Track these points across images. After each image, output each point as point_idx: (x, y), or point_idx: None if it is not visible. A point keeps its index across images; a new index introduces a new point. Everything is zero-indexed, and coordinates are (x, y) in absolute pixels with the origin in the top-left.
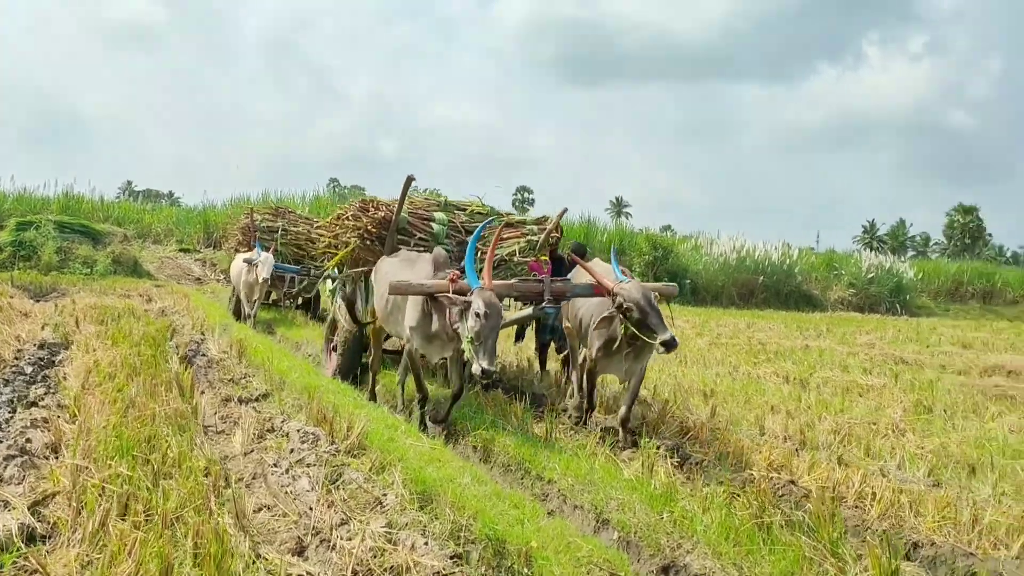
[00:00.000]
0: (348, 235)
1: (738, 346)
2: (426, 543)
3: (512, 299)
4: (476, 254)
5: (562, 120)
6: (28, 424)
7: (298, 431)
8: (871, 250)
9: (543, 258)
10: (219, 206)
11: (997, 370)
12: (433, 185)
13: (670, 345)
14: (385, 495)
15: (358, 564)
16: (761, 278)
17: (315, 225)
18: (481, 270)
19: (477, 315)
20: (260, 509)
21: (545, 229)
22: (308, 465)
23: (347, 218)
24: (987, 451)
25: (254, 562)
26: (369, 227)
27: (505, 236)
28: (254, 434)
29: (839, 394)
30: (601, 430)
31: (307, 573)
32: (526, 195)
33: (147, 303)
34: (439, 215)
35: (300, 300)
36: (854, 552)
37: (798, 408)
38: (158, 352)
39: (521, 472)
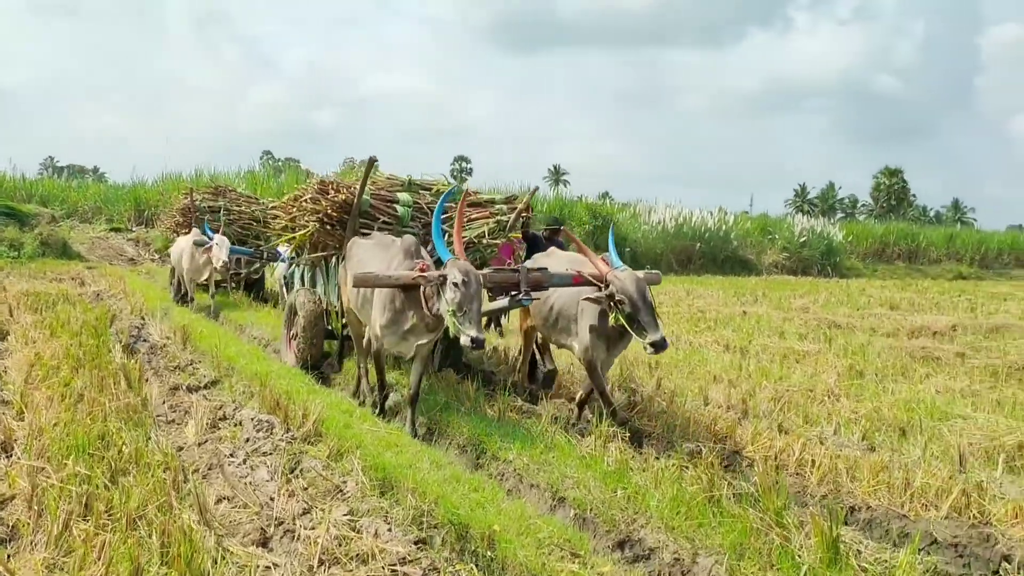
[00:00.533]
0: (306, 218)
1: (679, 315)
2: (389, 529)
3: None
4: (443, 227)
5: (501, 88)
6: None
7: (252, 419)
8: (802, 213)
9: (515, 237)
10: (150, 183)
11: (923, 331)
12: (371, 156)
13: (659, 347)
14: (345, 482)
15: (323, 553)
16: (698, 244)
17: (269, 206)
18: (451, 244)
19: (455, 284)
20: (220, 501)
21: (515, 208)
22: (265, 454)
23: (305, 200)
24: (916, 413)
25: (223, 557)
26: (329, 211)
27: (474, 217)
28: (207, 424)
29: (777, 361)
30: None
31: (274, 565)
32: (464, 165)
33: (80, 287)
34: (403, 196)
35: (244, 282)
36: (797, 520)
37: (739, 377)
38: (100, 342)
39: (476, 453)
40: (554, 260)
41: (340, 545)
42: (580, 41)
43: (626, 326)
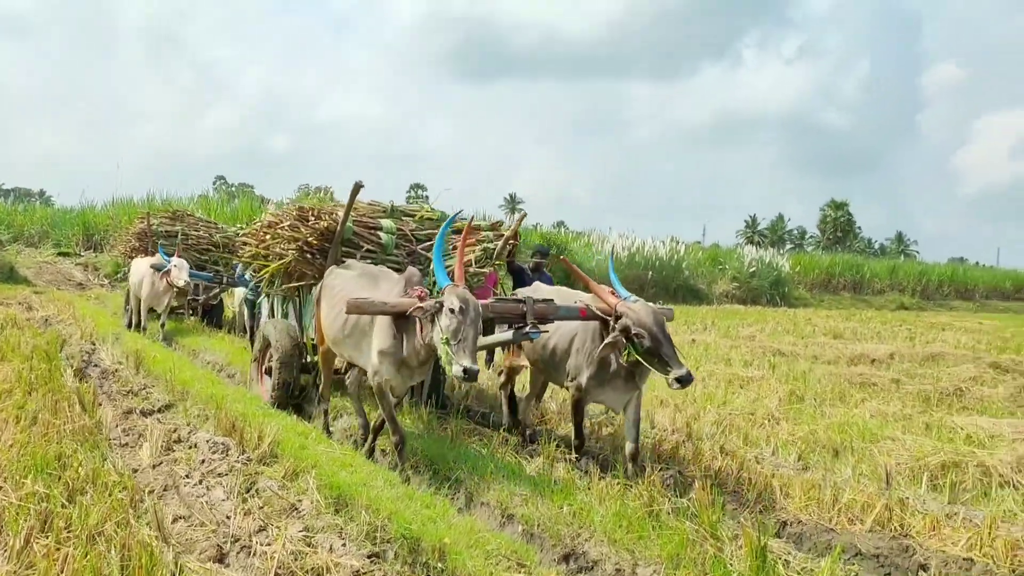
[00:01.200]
0: (283, 246)
1: None
2: (344, 544)
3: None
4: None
5: (456, 116)
6: None
7: (207, 441)
8: (752, 244)
9: (497, 265)
10: (100, 207)
11: (862, 359)
12: (326, 182)
13: (686, 381)
14: (300, 501)
15: (279, 567)
16: (650, 273)
17: (240, 233)
18: (451, 271)
19: (451, 311)
20: (176, 520)
21: (502, 236)
22: (221, 475)
23: (283, 228)
24: (849, 435)
25: (181, 572)
26: (310, 239)
27: (457, 243)
28: (161, 446)
29: (722, 386)
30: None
31: None
32: (420, 192)
33: (28, 311)
34: (386, 223)
35: (201, 309)
36: (731, 533)
37: (685, 401)
38: (52, 366)
39: (430, 473)
40: (546, 293)
41: (296, 560)
42: (534, 72)
43: (643, 362)
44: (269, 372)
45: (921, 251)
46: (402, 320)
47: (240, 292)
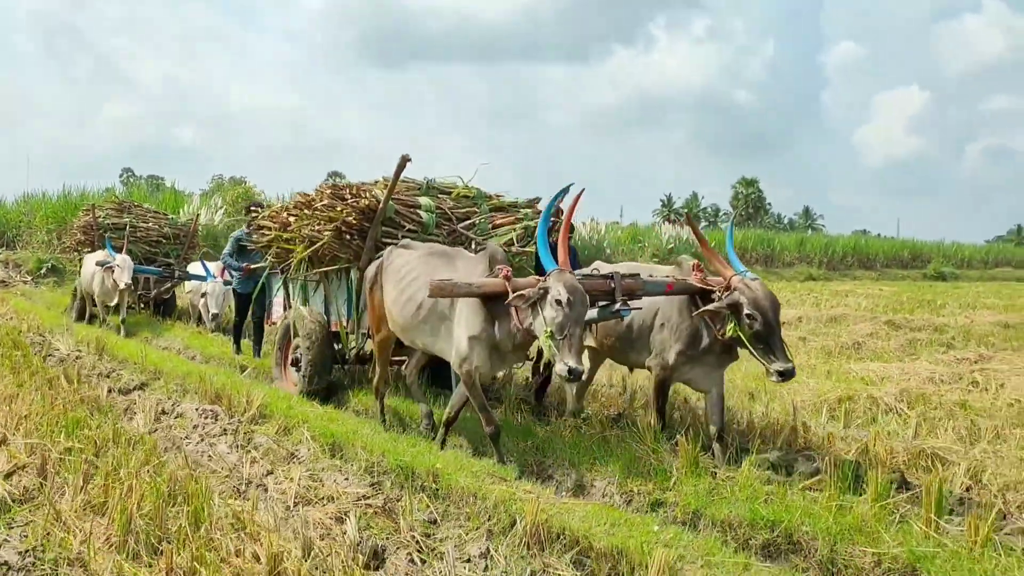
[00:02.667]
0: (316, 228)
1: None
2: (346, 479)
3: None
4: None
5: (370, 103)
6: None
7: (196, 410)
8: (669, 223)
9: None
10: (10, 203)
11: None
12: (240, 173)
13: (789, 376)
14: (298, 450)
15: (295, 497)
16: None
17: (262, 215)
18: (555, 251)
19: (558, 303)
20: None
21: (539, 212)
22: (217, 435)
23: (318, 208)
24: (761, 382)
25: (215, 502)
26: (348, 218)
27: (498, 222)
28: (153, 417)
29: None
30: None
31: (257, 507)
32: (338, 179)
33: None
34: (424, 200)
35: (153, 302)
36: (671, 448)
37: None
38: (24, 352)
39: (412, 425)
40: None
41: (308, 491)
42: (448, 56)
43: (748, 346)
44: (295, 364)
45: (827, 224)
46: (493, 302)
47: (194, 284)
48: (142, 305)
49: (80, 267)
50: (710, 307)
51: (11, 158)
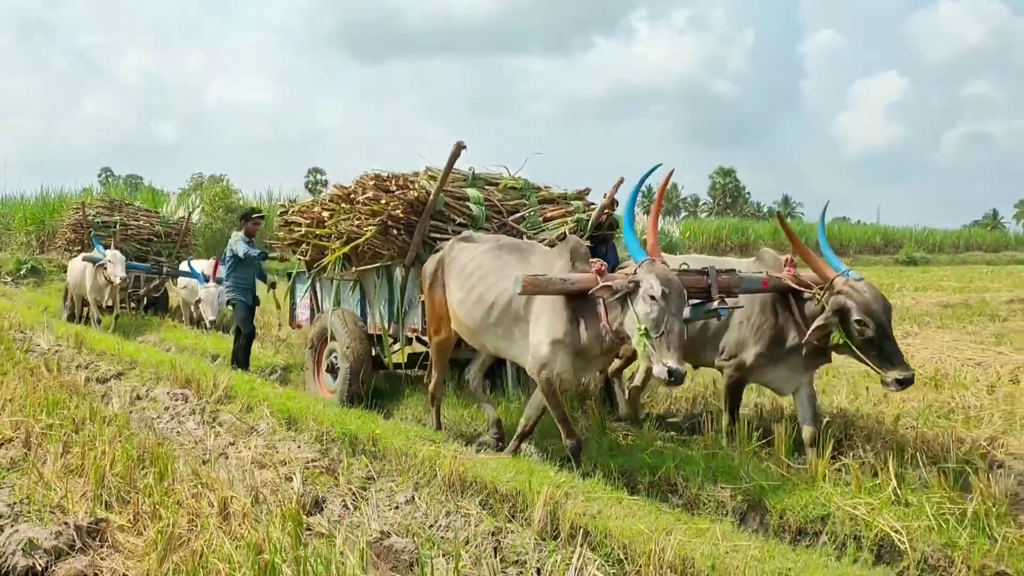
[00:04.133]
0: (358, 222)
1: None
2: (299, 447)
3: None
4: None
5: (351, 97)
6: None
7: (167, 393)
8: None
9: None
10: None
11: None
12: (220, 170)
13: (907, 384)
14: (258, 424)
15: (252, 462)
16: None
17: (290, 211)
18: (644, 240)
19: (651, 296)
20: (162, 443)
21: (591, 206)
22: (186, 415)
23: (360, 201)
24: None
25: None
26: (395, 211)
27: (549, 215)
28: (128, 401)
29: None
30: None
31: (220, 470)
32: (319, 176)
33: None
34: (472, 192)
35: (146, 301)
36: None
37: None
38: (6, 345)
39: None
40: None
41: (264, 457)
42: (428, 50)
43: (857, 354)
44: (331, 369)
45: (807, 212)
46: (578, 301)
47: (184, 282)
48: (132, 305)
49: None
50: (819, 322)
51: None
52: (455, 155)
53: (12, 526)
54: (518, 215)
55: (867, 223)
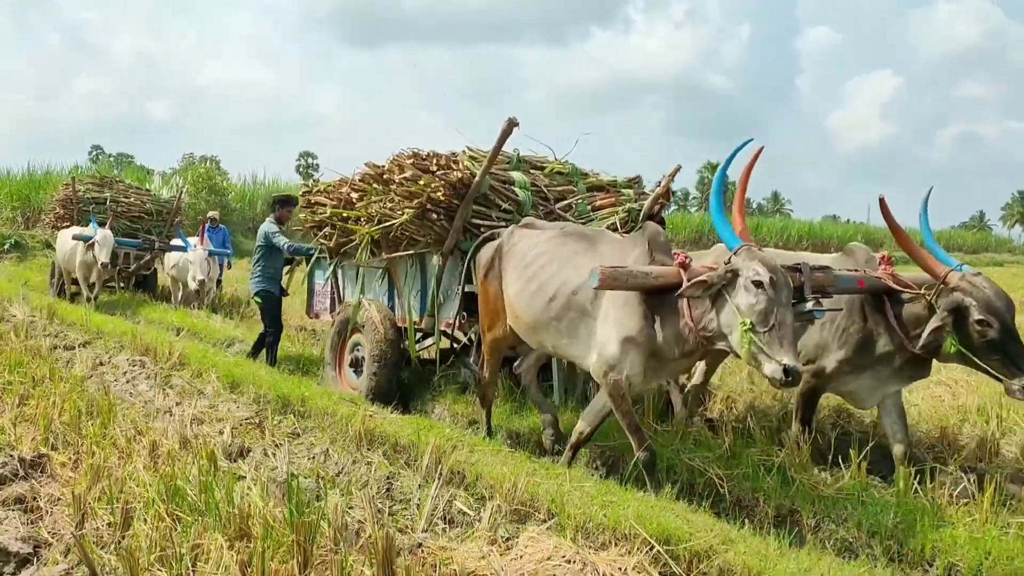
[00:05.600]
0: (395, 204)
1: None
2: (238, 407)
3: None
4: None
5: (345, 82)
6: None
7: (127, 360)
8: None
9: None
10: None
11: None
12: (212, 151)
13: None
14: (205, 388)
15: (192, 420)
16: None
17: (315, 190)
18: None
19: (757, 284)
20: (115, 401)
21: (643, 194)
22: (142, 379)
23: (396, 181)
24: None
25: (125, 420)
26: (436, 193)
27: (599, 203)
28: (90, 366)
29: None
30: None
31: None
32: (310, 160)
33: None
34: (517, 176)
35: (133, 279)
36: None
37: None
38: None
39: (300, 373)
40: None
41: (204, 415)
42: (425, 37)
43: (974, 360)
44: (355, 365)
45: (796, 209)
46: (654, 295)
47: (173, 257)
48: (122, 284)
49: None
50: (935, 323)
51: None
52: (506, 133)
53: None
54: (565, 203)
55: (857, 222)
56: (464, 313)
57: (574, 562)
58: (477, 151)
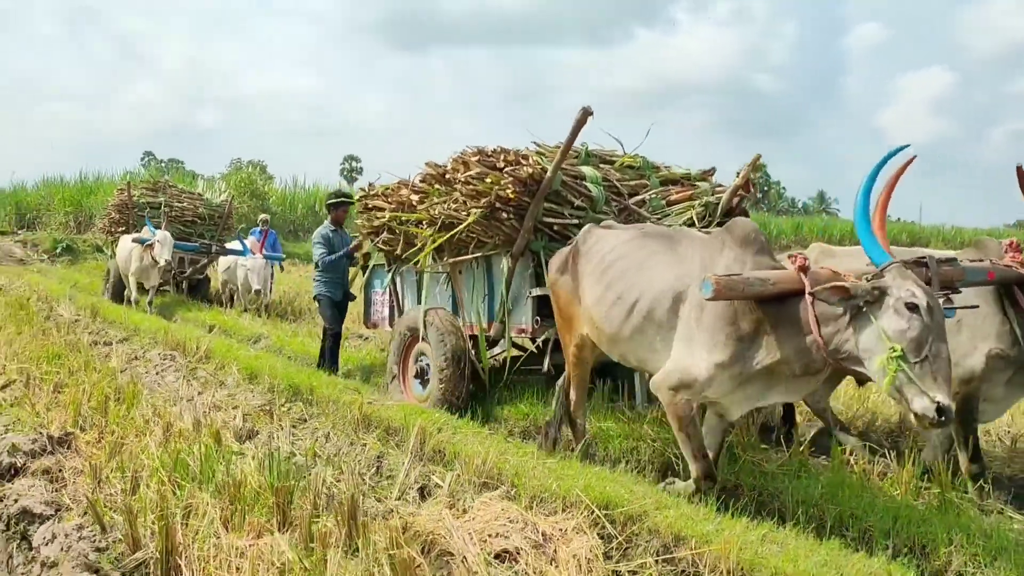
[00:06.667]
0: (459, 205)
1: None
2: (253, 395)
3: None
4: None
5: (389, 86)
6: None
7: (159, 354)
8: None
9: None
10: (31, 187)
11: None
12: (258, 156)
13: None
14: (226, 379)
15: (212, 406)
16: None
17: (371, 194)
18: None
19: (912, 308)
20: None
21: (720, 187)
22: (171, 372)
23: (461, 180)
24: None
25: (153, 403)
26: (504, 191)
27: (673, 198)
28: (125, 360)
29: None
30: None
31: (183, 410)
32: (354, 164)
33: None
34: (588, 171)
35: (187, 284)
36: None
37: None
38: (27, 312)
39: (307, 362)
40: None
41: (223, 402)
42: (466, 40)
43: None
44: (420, 375)
45: (843, 209)
46: (766, 304)
47: (225, 262)
48: (175, 286)
49: (114, 248)
50: None
51: (33, 141)
52: (580, 123)
53: (2, 436)
54: (638, 197)
55: (909, 221)
56: (538, 318)
57: (517, 522)
58: (544, 146)
